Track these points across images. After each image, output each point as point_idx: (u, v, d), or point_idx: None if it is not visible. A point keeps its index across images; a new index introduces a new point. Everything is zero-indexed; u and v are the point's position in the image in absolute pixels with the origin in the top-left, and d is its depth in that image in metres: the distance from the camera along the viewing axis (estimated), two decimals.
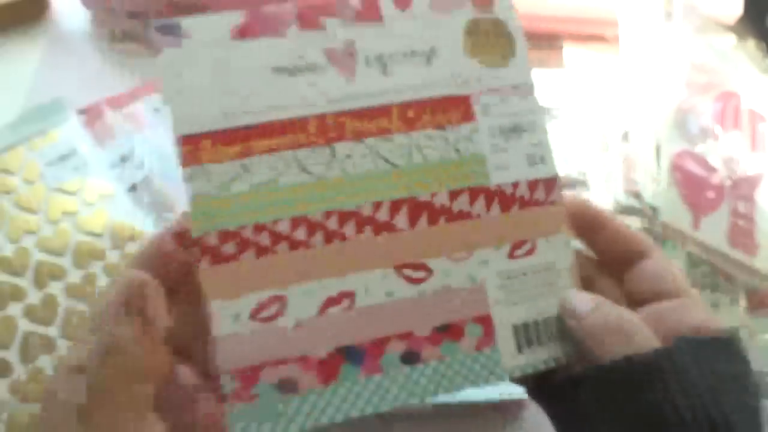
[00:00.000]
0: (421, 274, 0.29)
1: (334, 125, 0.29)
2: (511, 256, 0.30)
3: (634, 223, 0.49)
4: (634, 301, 0.29)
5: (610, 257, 0.31)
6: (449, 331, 0.29)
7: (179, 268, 0.27)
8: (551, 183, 0.31)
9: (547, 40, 0.62)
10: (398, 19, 0.30)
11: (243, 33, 0.29)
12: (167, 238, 0.27)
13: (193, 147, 0.27)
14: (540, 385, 0.30)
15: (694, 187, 0.49)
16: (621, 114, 0.53)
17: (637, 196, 0.49)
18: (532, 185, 0.30)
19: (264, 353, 0.27)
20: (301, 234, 0.28)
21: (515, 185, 0.30)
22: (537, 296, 0.30)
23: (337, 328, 0.27)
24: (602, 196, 0.50)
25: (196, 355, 0.27)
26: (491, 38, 0.31)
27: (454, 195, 0.30)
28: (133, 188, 0.50)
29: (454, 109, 0.30)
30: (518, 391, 0.37)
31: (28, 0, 0.61)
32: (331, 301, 0.28)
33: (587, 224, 0.31)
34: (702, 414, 0.24)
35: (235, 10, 0.29)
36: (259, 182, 0.28)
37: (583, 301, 0.28)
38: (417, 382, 0.28)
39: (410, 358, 0.28)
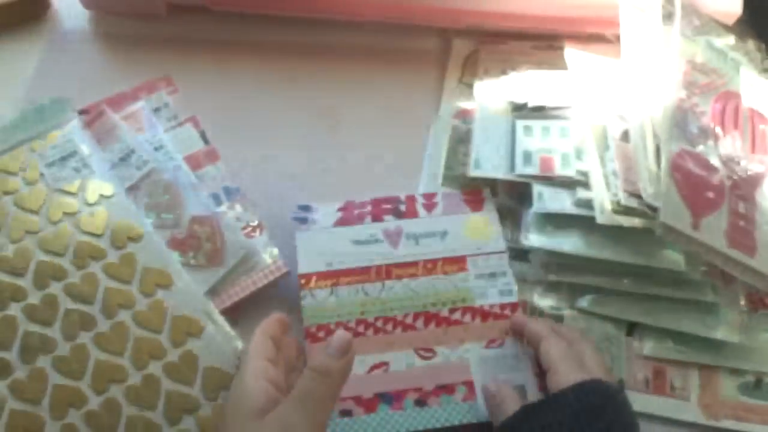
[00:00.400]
0: (429, 354, 0.48)
1: (385, 271, 0.50)
2: (486, 347, 0.48)
3: (634, 223, 0.49)
4: (543, 372, 0.44)
5: (531, 343, 0.47)
6: (446, 389, 0.46)
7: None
8: (515, 305, 0.50)
9: (547, 40, 0.62)
10: (426, 216, 0.53)
11: (339, 223, 0.52)
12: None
13: (307, 280, 0.50)
14: None
15: (694, 187, 0.49)
16: (621, 114, 0.53)
17: (637, 196, 0.49)
18: (503, 306, 0.50)
19: None
20: (361, 328, 0.48)
21: (491, 306, 0.50)
22: (504, 372, 0.47)
23: (377, 382, 0.46)
24: (602, 196, 0.50)
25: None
26: (480, 226, 0.52)
27: (452, 311, 0.49)
28: (133, 188, 0.50)
29: (455, 263, 0.51)
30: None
31: (28, 0, 0.61)
32: (375, 367, 0.47)
33: (517, 325, 0.49)
34: None
35: (336, 208, 0.53)
36: (340, 299, 0.49)
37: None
38: (423, 417, 0.45)
39: (420, 403, 0.46)
